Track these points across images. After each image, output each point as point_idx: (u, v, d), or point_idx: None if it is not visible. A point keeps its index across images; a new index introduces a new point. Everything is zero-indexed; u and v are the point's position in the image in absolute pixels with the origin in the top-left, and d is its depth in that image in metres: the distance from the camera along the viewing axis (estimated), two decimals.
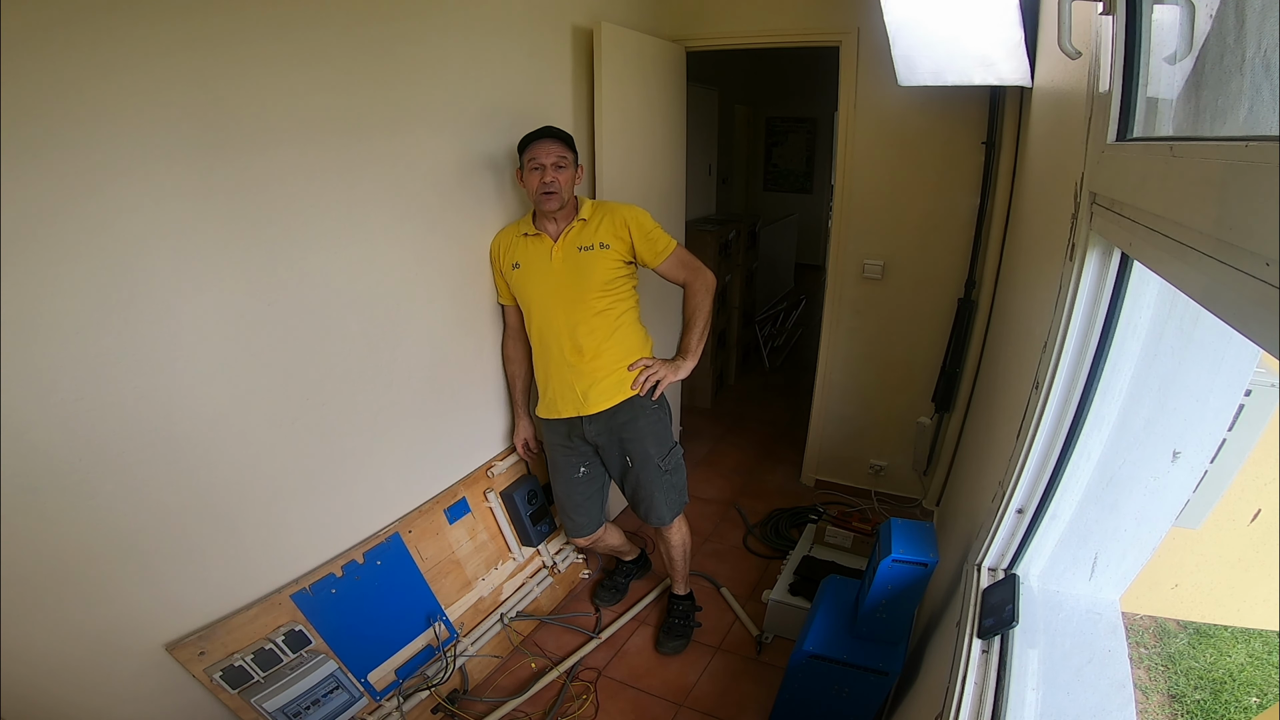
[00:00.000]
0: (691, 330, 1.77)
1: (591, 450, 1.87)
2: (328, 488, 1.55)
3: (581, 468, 1.90)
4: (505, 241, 1.83)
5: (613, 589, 2.29)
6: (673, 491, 1.90)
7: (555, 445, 1.90)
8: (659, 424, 1.84)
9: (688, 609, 2.13)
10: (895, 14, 1.71)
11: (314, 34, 1.31)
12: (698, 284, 1.77)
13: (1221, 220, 0.52)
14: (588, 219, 1.74)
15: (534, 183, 1.67)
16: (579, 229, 1.73)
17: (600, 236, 1.71)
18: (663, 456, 1.84)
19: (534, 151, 1.66)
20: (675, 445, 1.91)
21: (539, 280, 1.75)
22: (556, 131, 1.69)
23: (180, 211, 1.15)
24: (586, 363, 1.74)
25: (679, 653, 2.05)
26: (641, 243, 1.73)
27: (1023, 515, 1.14)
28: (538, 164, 1.65)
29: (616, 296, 1.75)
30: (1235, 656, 2.23)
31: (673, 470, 1.88)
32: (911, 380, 2.63)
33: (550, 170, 1.65)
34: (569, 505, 1.94)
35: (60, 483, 1.07)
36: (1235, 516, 1.39)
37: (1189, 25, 0.76)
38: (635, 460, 1.83)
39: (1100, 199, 0.89)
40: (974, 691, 0.97)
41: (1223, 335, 0.90)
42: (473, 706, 1.82)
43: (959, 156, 2.27)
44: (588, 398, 1.77)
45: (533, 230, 1.76)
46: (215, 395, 1.27)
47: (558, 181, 1.65)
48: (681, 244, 1.79)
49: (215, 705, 1.36)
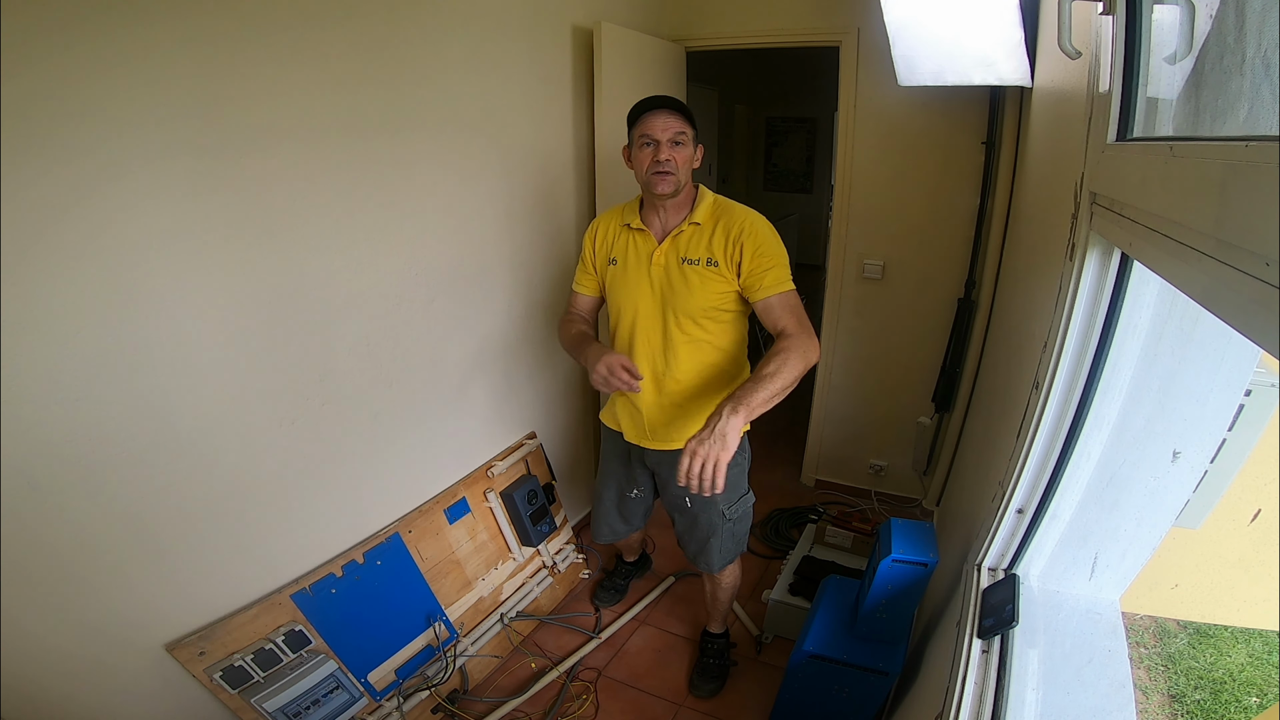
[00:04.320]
0: (761, 384, 1.27)
1: (649, 474, 1.70)
2: (327, 487, 1.55)
3: (635, 489, 1.74)
4: (606, 229, 1.57)
5: (612, 589, 2.24)
6: (730, 540, 1.67)
7: (611, 455, 1.73)
8: (734, 469, 1.57)
9: (723, 647, 1.95)
10: (895, 14, 1.71)
11: (314, 33, 1.31)
12: (798, 343, 1.33)
13: (1221, 220, 0.52)
14: (702, 223, 1.44)
15: (645, 161, 1.41)
16: (689, 235, 1.44)
17: (711, 250, 1.41)
18: (730, 504, 1.61)
19: (646, 125, 1.40)
20: (747, 493, 1.65)
21: (634, 286, 1.50)
22: (674, 102, 1.42)
23: (181, 211, 1.15)
24: (664, 396, 1.51)
25: (715, 695, 1.89)
26: (750, 262, 1.39)
27: (1023, 515, 1.14)
28: (650, 139, 1.39)
29: (719, 328, 1.47)
30: (1235, 656, 2.23)
31: (738, 519, 1.65)
32: (911, 380, 2.63)
33: (666, 147, 1.39)
34: (610, 515, 1.80)
35: (60, 483, 1.07)
36: (1235, 516, 1.39)
37: (1189, 25, 0.76)
38: (696, 502, 1.60)
39: (1100, 199, 0.89)
40: (974, 691, 0.97)
41: (1223, 335, 0.90)
42: (473, 706, 1.82)
43: (959, 156, 2.27)
44: (655, 433, 1.56)
45: (637, 223, 1.50)
46: (215, 395, 1.27)
47: (674, 161, 1.39)
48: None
49: (215, 705, 1.36)
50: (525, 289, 2.06)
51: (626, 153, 1.49)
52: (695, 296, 1.43)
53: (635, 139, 1.43)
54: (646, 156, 1.40)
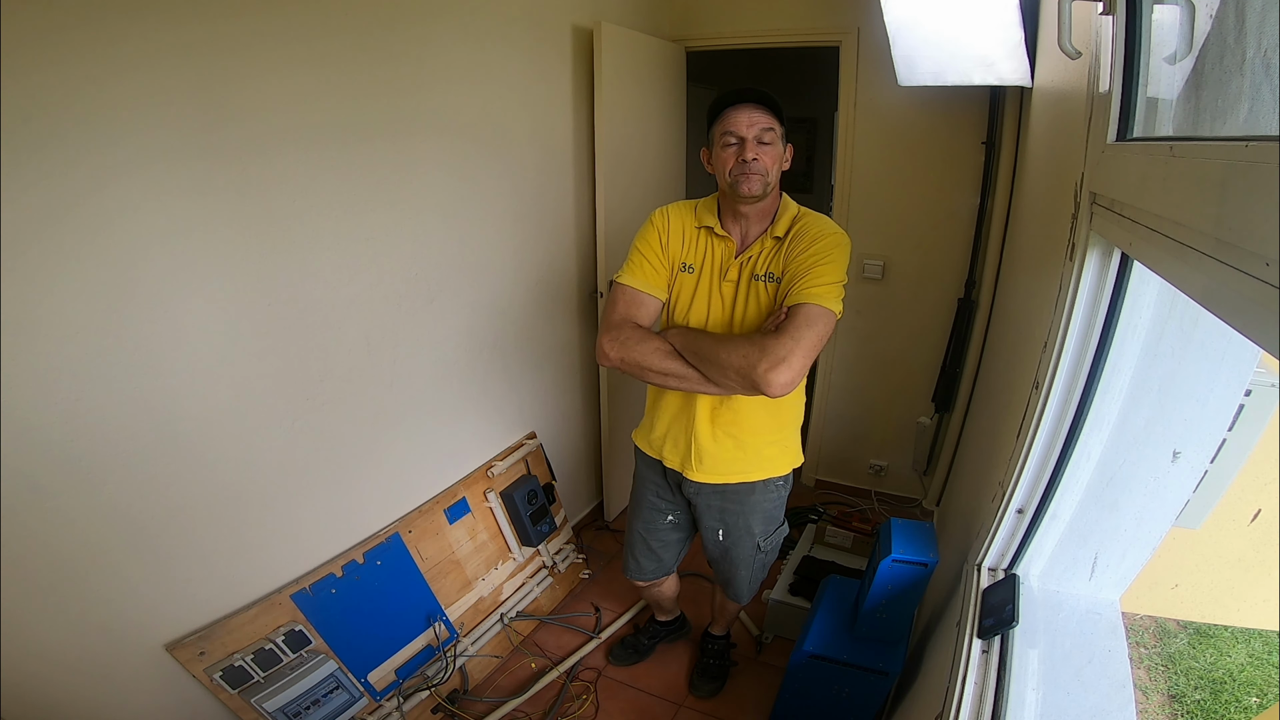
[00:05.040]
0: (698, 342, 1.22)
1: (685, 502, 1.55)
2: (328, 488, 1.55)
3: (670, 516, 1.59)
4: (682, 227, 1.34)
5: (634, 649, 2.00)
6: (760, 570, 1.60)
7: (646, 481, 1.58)
8: (777, 502, 1.49)
9: (723, 648, 1.93)
10: (895, 14, 1.71)
11: (315, 33, 1.30)
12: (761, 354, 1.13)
13: (1221, 220, 0.52)
14: (783, 236, 1.28)
15: (728, 161, 1.22)
16: (770, 248, 1.28)
17: (784, 264, 1.26)
18: (766, 536, 1.52)
19: (730, 121, 1.21)
20: (783, 523, 1.55)
21: (705, 298, 1.32)
22: (760, 93, 1.21)
23: (182, 212, 1.15)
24: (718, 425, 1.37)
25: (715, 695, 1.87)
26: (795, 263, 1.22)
27: (1023, 515, 1.14)
28: (735, 137, 1.21)
29: None
30: (1235, 656, 2.23)
31: (770, 550, 1.56)
32: (911, 380, 2.63)
33: (752, 145, 1.20)
34: (642, 548, 1.64)
35: (60, 483, 1.07)
36: (1235, 516, 1.39)
37: (1189, 25, 0.76)
38: (730, 535, 1.51)
39: (1100, 199, 0.89)
40: (974, 691, 0.97)
41: (1223, 335, 0.90)
42: (473, 706, 1.82)
43: (959, 156, 2.27)
44: (701, 462, 1.40)
45: (720, 228, 1.31)
46: (215, 395, 1.27)
47: (762, 161, 1.21)
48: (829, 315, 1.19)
49: (215, 705, 1.36)
50: (525, 289, 2.06)
51: (706, 154, 1.30)
52: (764, 315, 1.26)
53: (716, 137, 1.23)
54: (730, 156, 1.21)
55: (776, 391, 1.12)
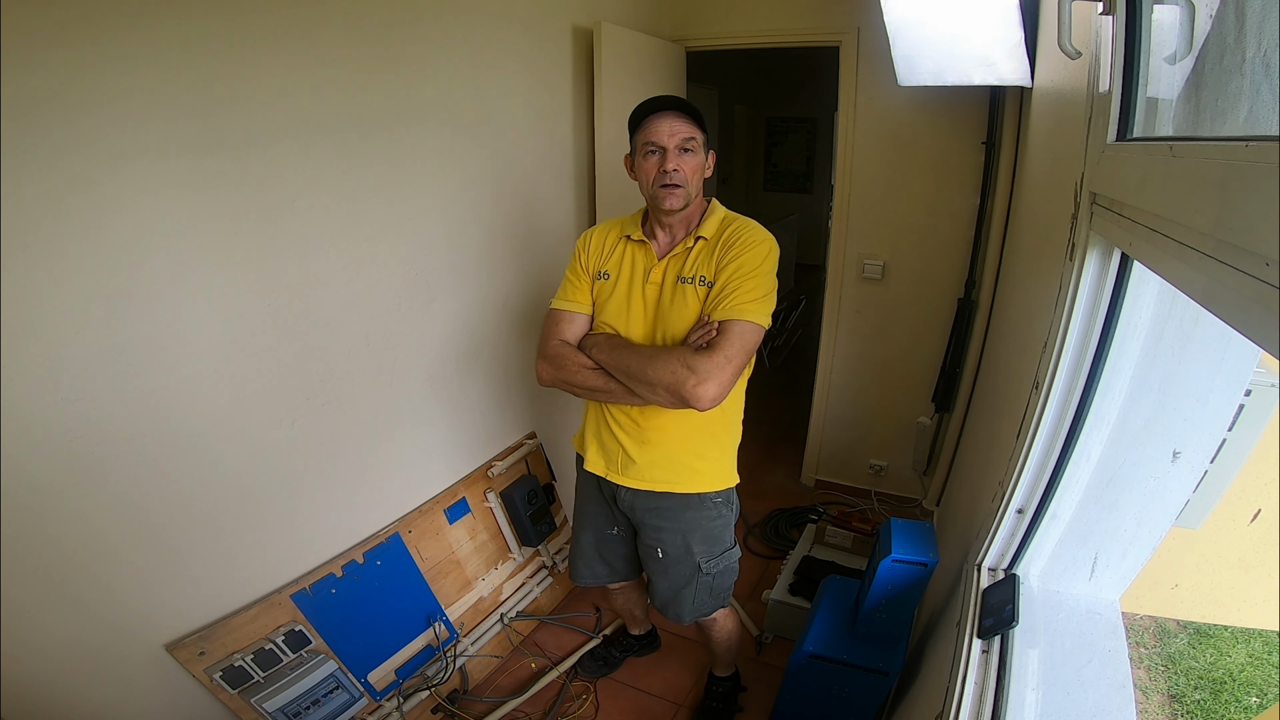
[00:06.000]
0: (621, 354, 1.24)
1: (624, 518, 1.49)
2: (327, 487, 1.55)
3: (615, 527, 1.53)
4: (603, 239, 1.37)
5: (603, 660, 1.97)
6: (707, 593, 1.47)
7: (587, 494, 1.54)
8: (717, 521, 1.41)
9: (729, 690, 1.79)
10: (895, 14, 1.71)
11: (314, 32, 1.31)
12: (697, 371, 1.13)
13: (1221, 220, 0.52)
14: (710, 237, 1.27)
15: (650, 171, 1.22)
16: (697, 251, 1.26)
17: (710, 267, 1.24)
18: (710, 556, 1.42)
19: (650, 130, 1.21)
20: (732, 547, 1.46)
21: (623, 304, 1.31)
22: (680, 102, 1.21)
23: (181, 208, 1.15)
24: (644, 428, 1.33)
25: None
26: (722, 276, 1.21)
27: (1023, 515, 1.14)
28: (655, 146, 1.21)
29: None
30: (1235, 656, 2.23)
31: (717, 574, 1.45)
32: (911, 380, 2.63)
33: (673, 155, 1.20)
34: (588, 555, 1.58)
35: (60, 483, 1.07)
36: (1235, 516, 1.39)
37: (1189, 25, 0.76)
38: (667, 552, 1.42)
39: (1100, 199, 0.89)
40: (974, 691, 0.97)
41: (1223, 335, 0.90)
42: (473, 706, 1.82)
43: (959, 156, 2.27)
44: (627, 469, 1.37)
45: (638, 234, 1.32)
46: (214, 395, 1.27)
47: (682, 171, 1.21)
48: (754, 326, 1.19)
49: (215, 705, 1.36)
50: (525, 289, 2.06)
51: (629, 162, 1.30)
52: (688, 319, 1.24)
53: (638, 146, 1.24)
54: (651, 166, 1.22)
55: (705, 406, 1.14)
